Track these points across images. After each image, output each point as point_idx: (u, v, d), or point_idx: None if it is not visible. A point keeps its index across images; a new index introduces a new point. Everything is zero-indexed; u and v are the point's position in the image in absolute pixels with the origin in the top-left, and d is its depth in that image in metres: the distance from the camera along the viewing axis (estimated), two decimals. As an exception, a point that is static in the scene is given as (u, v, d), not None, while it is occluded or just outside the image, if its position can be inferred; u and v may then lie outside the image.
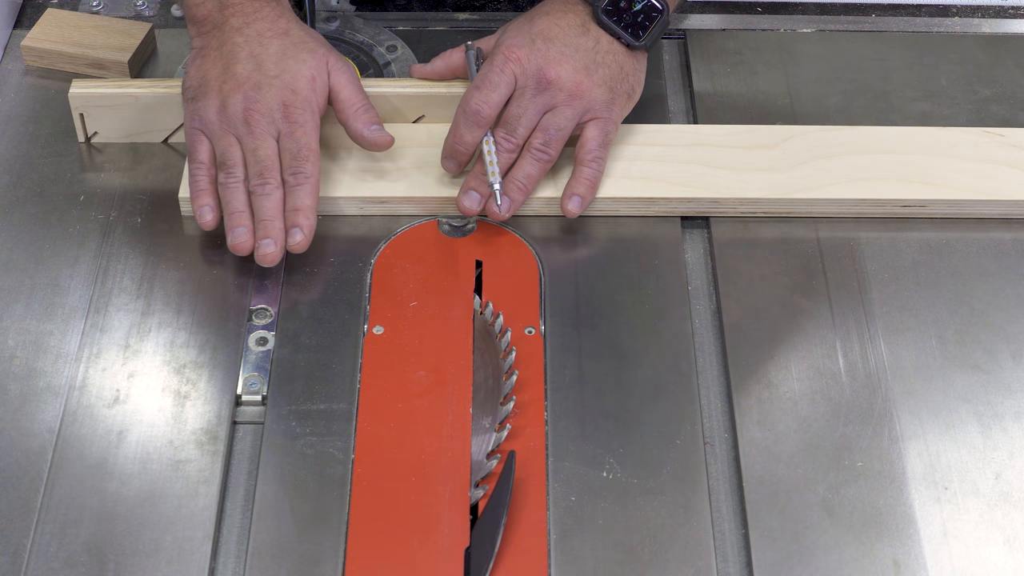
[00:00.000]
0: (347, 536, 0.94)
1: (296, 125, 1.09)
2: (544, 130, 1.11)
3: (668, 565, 0.93)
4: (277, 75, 1.10)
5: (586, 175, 1.12)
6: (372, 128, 1.13)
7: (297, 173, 1.08)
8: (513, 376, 1.02)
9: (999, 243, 1.13)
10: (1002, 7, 1.36)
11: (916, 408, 1.02)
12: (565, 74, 1.11)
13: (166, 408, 1.01)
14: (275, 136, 1.09)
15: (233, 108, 1.09)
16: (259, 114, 1.09)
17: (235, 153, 1.09)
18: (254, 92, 1.09)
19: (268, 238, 1.07)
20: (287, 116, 1.09)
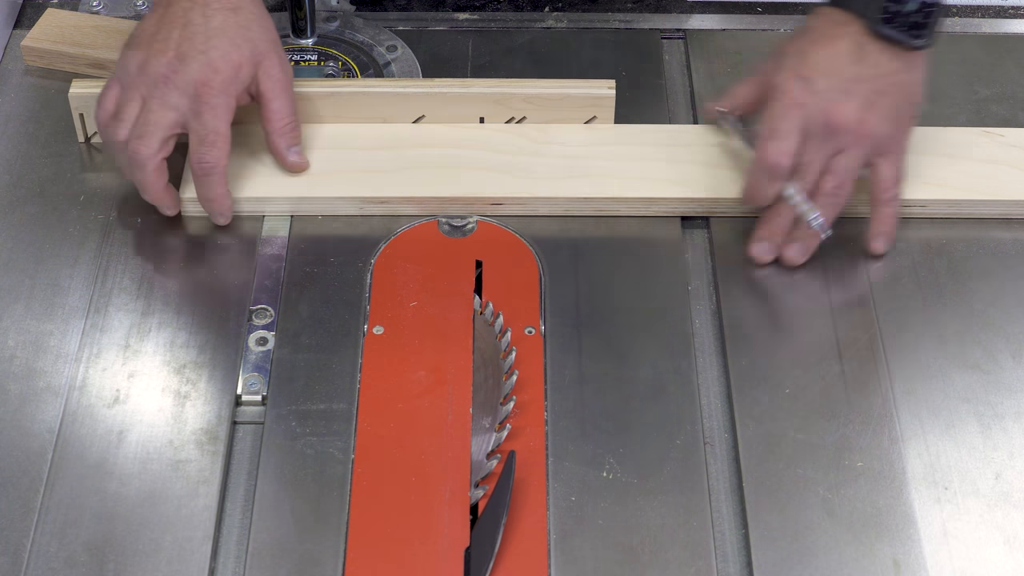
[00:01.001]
0: (347, 536, 0.94)
1: (206, 107, 1.08)
2: (835, 174, 1.08)
3: (668, 565, 0.93)
4: (204, 51, 1.08)
5: (888, 214, 1.10)
6: (294, 150, 1.14)
7: (203, 162, 1.08)
8: (513, 376, 1.02)
9: (999, 243, 1.13)
10: (1002, 7, 1.36)
11: (916, 408, 1.02)
12: (851, 114, 1.06)
13: (166, 408, 1.01)
14: (179, 110, 1.08)
15: (152, 69, 1.08)
16: (171, 84, 1.07)
17: (131, 110, 1.08)
18: (177, 61, 1.07)
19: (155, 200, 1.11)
20: (199, 95, 1.07)
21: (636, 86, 1.25)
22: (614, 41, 1.32)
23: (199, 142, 1.08)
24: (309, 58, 1.28)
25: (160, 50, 1.08)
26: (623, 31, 1.34)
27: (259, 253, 1.12)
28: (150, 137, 1.07)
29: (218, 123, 1.08)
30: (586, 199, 1.14)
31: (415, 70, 1.27)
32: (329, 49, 1.29)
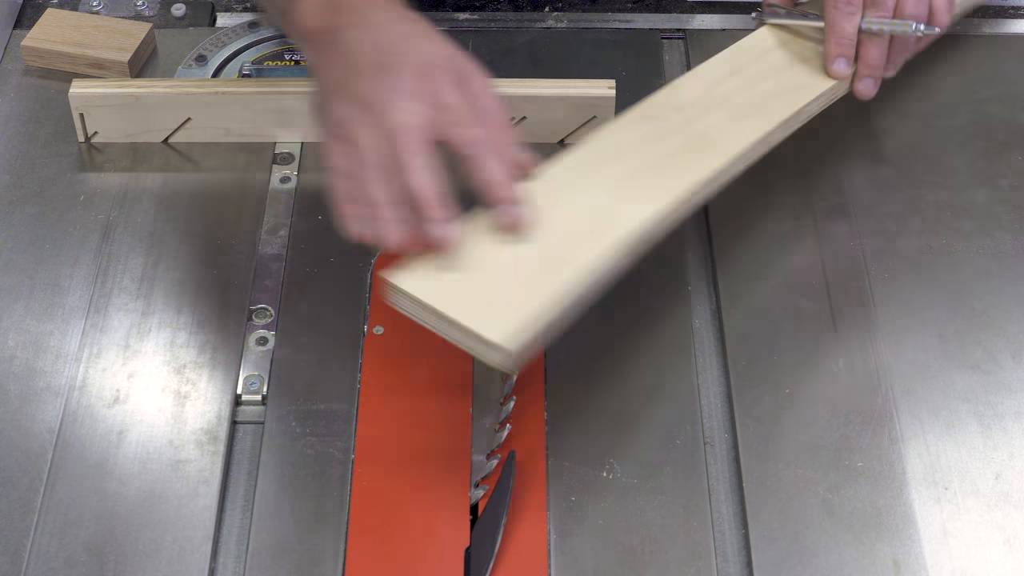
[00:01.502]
0: (347, 536, 0.94)
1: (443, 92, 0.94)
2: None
3: (668, 565, 0.93)
4: (407, 52, 0.96)
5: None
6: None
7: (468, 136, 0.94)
8: (513, 376, 1.02)
9: (999, 243, 1.13)
10: (1002, 7, 1.36)
11: (916, 408, 1.02)
12: None
13: (166, 408, 1.01)
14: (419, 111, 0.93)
15: (365, 96, 0.94)
16: (394, 91, 0.94)
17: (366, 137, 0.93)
18: (384, 72, 0.94)
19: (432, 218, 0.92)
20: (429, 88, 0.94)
21: (636, 86, 1.24)
22: (614, 41, 1.32)
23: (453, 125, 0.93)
24: (309, 58, 1.28)
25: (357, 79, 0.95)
26: (623, 31, 1.34)
27: (259, 253, 1.12)
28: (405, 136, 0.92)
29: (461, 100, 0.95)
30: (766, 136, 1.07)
31: (415, 70, 1.27)
32: (329, 49, 1.29)
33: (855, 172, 1.19)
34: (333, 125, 0.95)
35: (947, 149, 1.21)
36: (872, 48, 1.12)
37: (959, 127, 1.23)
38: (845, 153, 1.20)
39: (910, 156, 1.20)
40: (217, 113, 1.19)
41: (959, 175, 1.19)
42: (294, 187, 1.17)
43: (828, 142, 1.21)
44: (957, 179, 1.18)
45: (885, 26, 1.11)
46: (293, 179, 1.18)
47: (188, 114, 1.19)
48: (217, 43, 1.29)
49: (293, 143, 1.21)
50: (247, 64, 1.27)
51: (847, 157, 1.20)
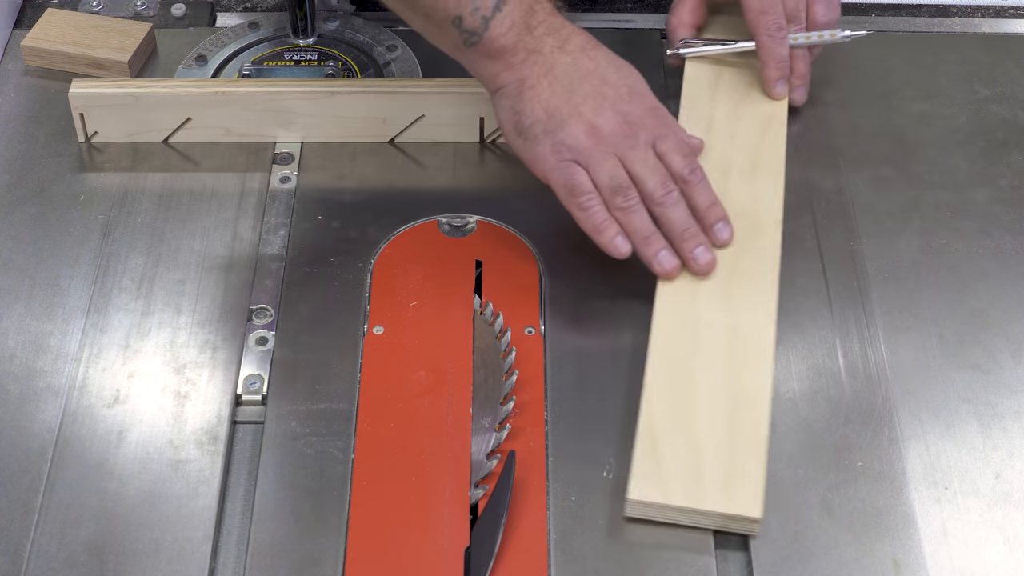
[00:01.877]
0: (347, 536, 0.94)
1: (669, 125, 1.06)
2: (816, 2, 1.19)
3: (668, 565, 0.93)
4: (624, 84, 1.05)
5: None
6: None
7: (693, 171, 1.05)
8: (513, 376, 1.02)
9: (999, 243, 1.13)
10: (1002, 7, 1.36)
11: (916, 408, 1.02)
12: None
13: (166, 408, 1.01)
14: (651, 143, 1.05)
15: (606, 127, 1.03)
16: (635, 125, 1.04)
17: (622, 173, 1.03)
18: (619, 104, 1.04)
19: (700, 245, 1.04)
20: (659, 119, 1.05)
21: (636, 86, 1.25)
22: (614, 41, 1.32)
23: (683, 157, 1.05)
24: (309, 58, 1.28)
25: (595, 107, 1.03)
26: (623, 31, 1.34)
27: (259, 253, 1.12)
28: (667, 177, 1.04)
29: (683, 135, 1.07)
30: None
31: (415, 70, 1.27)
32: (329, 49, 1.29)
33: (855, 172, 1.19)
34: (572, 151, 1.03)
35: (947, 149, 1.21)
36: (800, 61, 1.20)
37: (959, 127, 1.23)
38: (845, 153, 1.20)
39: (910, 156, 1.20)
40: (217, 113, 1.19)
41: (959, 175, 1.19)
42: (294, 187, 1.17)
43: (828, 142, 1.21)
44: (957, 179, 1.18)
45: (813, 37, 1.19)
46: (293, 179, 1.18)
47: (188, 114, 1.19)
48: (217, 43, 1.29)
49: (293, 143, 1.21)
50: (247, 64, 1.27)
51: (847, 157, 1.20)
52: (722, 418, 0.97)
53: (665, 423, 0.97)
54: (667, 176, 1.04)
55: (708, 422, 0.97)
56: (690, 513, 0.94)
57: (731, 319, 1.03)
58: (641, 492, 0.94)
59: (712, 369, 1.00)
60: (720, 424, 0.97)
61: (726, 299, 1.04)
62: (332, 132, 1.20)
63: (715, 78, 1.21)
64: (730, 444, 0.96)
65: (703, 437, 0.96)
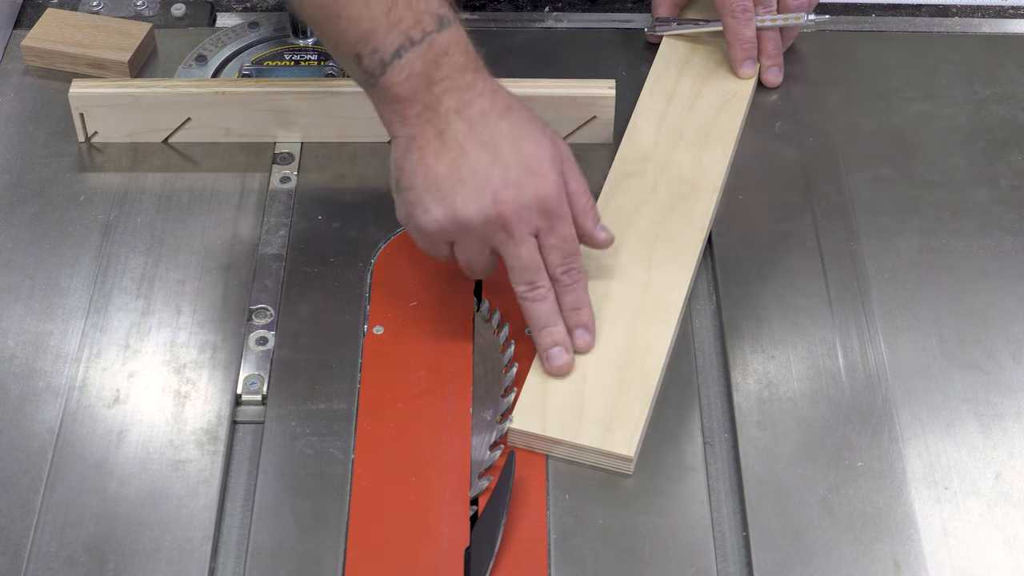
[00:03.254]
0: (347, 536, 0.94)
1: (556, 218, 0.98)
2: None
3: (668, 565, 0.93)
4: (519, 164, 0.97)
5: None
6: (599, 227, 1.03)
7: (569, 270, 1.00)
8: (513, 368, 1.02)
9: (999, 243, 1.13)
10: (1002, 7, 1.36)
11: (916, 408, 1.02)
12: None
13: (166, 408, 1.01)
14: (533, 234, 0.99)
15: (477, 218, 0.97)
16: (515, 215, 0.97)
17: (485, 260, 1.00)
18: (503, 191, 0.96)
19: (558, 345, 1.01)
20: (544, 211, 0.98)
21: (636, 86, 1.25)
22: (614, 41, 1.32)
23: (562, 255, 1.00)
24: (309, 58, 1.28)
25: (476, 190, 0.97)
26: (623, 31, 1.34)
27: (259, 253, 1.12)
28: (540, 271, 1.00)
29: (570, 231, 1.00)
30: None
31: (415, 70, 1.27)
32: (329, 49, 1.29)
33: (855, 172, 1.19)
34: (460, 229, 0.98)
35: (947, 149, 1.21)
36: (768, 43, 1.25)
37: (959, 127, 1.23)
38: (845, 153, 1.20)
39: (910, 156, 1.20)
40: (217, 113, 1.19)
41: (959, 175, 1.19)
42: (294, 187, 1.17)
43: (828, 142, 1.21)
44: (957, 179, 1.18)
45: (779, 20, 1.24)
46: (293, 179, 1.18)
47: (188, 114, 1.19)
48: (217, 43, 1.29)
49: (293, 143, 1.21)
50: (247, 64, 1.27)
51: (847, 157, 1.20)
52: (615, 365, 1.01)
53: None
54: (536, 275, 0.99)
55: (600, 367, 1.01)
56: (568, 447, 0.97)
57: (647, 276, 1.07)
58: (522, 423, 0.98)
59: (616, 320, 1.04)
60: (611, 370, 1.01)
61: (647, 257, 1.09)
62: (332, 132, 1.20)
63: (687, 55, 1.27)
64: (617, 387, 1.00)
65: (592, 379, 1.01)
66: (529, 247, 0.99)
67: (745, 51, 1.24)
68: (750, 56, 1.24)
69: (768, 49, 1.25)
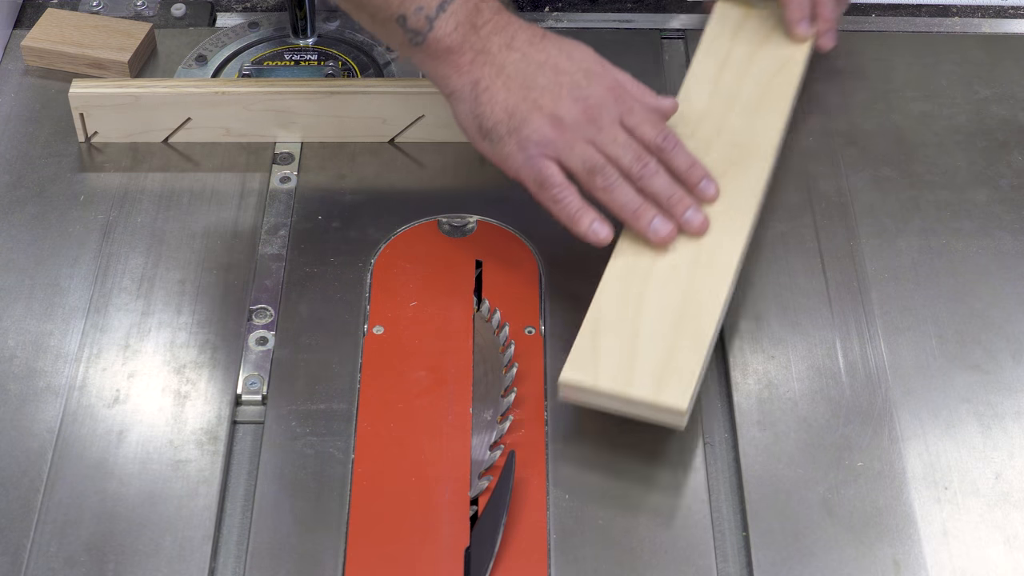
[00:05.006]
0: (347, 536, 0.94)
1: (632, 99, 1.05)
2: None
3: (668, 565, 0.93)
4: (578, 69, 1.05)
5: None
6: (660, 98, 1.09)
7: (666, 137, 1.05)
8: (513, 368, 1.02)
9: (999, 243, 1.13)
10: (1002, 7, 1.36)
11: (916, 408, 1.02)
12: None
13: (166, 408, 1.01)
14: (618, 120, 1.05)
15: (569, 115, 1.03)
16: (596, 107, 1.04)
17: (595, 155, 1.03)
18: (577, 91, 1.04)
19: (688, 208, 1.05)
20: (618, 97, 1.05)
21: (636, 86, 1.25)
22: (614, 41, 1.32)
23: (651, 126, 1.05)
24: (309, 58, 1.28)
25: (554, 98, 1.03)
26: (623, 31, 1.34)
27: (259, 253, 1.12)
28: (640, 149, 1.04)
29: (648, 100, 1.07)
30: None
31: (415, 70, 1.27)
32: (329, 49, 1.29)
33: (855, 172, 1.19)
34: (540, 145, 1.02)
35: (947, 149, 1.21)
36: (825, 7, 1.21)
37: (959, 127, 1.23)
38: (845, 153, 1.20)
39: (910, 156, 1.20)
40: (217, 113, 1.19)
41: (959, 175, 1.19)
42: (294, 187, 1.17)
43: (828, 142, 1.21)
44: (957, 179, 1.18)
45: None
46: (293, 179, 1.18)
47: (188, 114, 1.19)
48: (217, 43, 1.29)
49: (293, 143, 1.21)
50: (247, 64, 1.27)
51: (847, 157, 1.20)
52: (669, 320, 1.00)
53: (611, 319, 1.00)
54: (640, 149, 1.04)
55: (653, 322, 1.00)
56: (619, 401, 0.96)
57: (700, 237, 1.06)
58: (573, 376, 0.97)
59: (670, 280, 1.03)
60: (665, 325, 1.00)
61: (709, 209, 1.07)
62: (332, 132, 1.20)
63: (742, 19, 1.23)
64: (670, 342, 0.99)
65: (645, 333, 0.99)
66: (621, 132, 1.04)
67: (801, 10, 1.20)
68: (804, 16, 1.20)
69: (827, 11, 1.21)
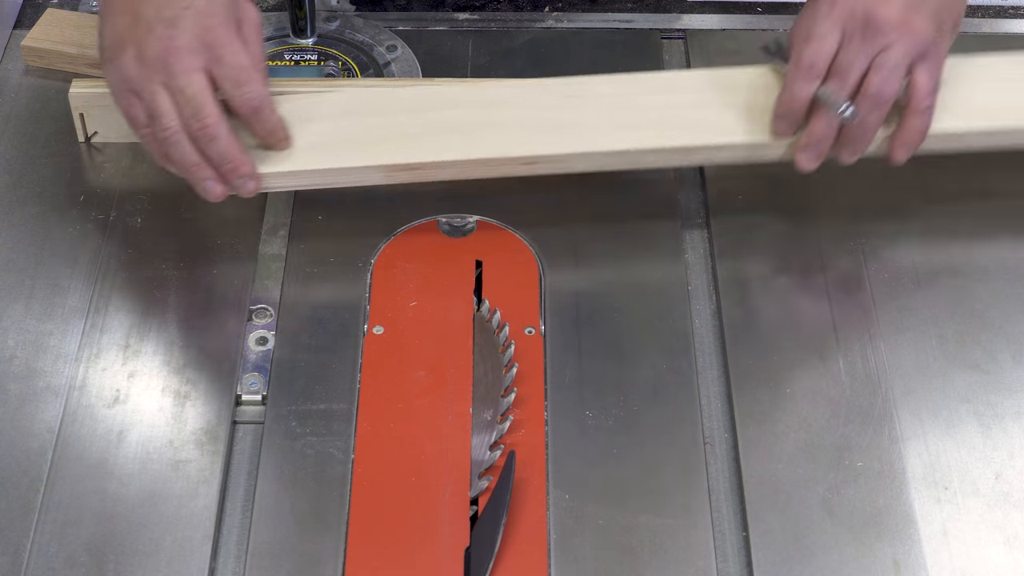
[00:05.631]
0: (347, 536, 0.94)
1: (224, 48, 1.02)
2: (880, 69, 1.02)
3: (668, 565, 0.93)
4: (188, 5, 1.01)
5: (919, 127, 1.06)
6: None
7: (248, 99, 1.03)
8: (513, 368, 1.02)
9: (999, 243, 1.13)
10: (1002, 7, 1.36)
11: (916, 408, 1.02)
12: (894, 13, 1.02)
13: (166, 408, 1.01)
14: (204, 69, 1.02)
15: (150, 52, 1.01)
16: (179, 50, 1.00)
17: (163, 101, 1.01)
18: (168, 29, 1.01)
19: (241, 175, 1.04)
20: (210, 42, 1.01)
21: (636, 86, 1.25)
22: (614, 41, 1.32)
23: (234, 84, 1.02)
24: (309, 58, 1.28)
25: (145, 33, 1.01)
26: (623, 31, 1.34)
27: (260, 253, 1.12)
28: (204, 106, 1.01)
29: (241, 58, 1.02)
30: (622, 152, 1.10)
31: (415, 70, 1.27)
32: (329, 49, 1.29)
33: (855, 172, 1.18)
34: (124, 80, 1.03)
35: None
36: (818, 120, 1.06)
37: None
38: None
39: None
40: (217, 113, 1.19)
41: (959, 175, 1.19)
42: (294, 187, 1.17)
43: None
44: (957, 179, 1.18)
45: (828, 98, 1.04)
46: (293, 179, 1.18)
47: (188, 114, 1.19)
48: (217, 43, 1.29)
49: (293, 143, 1.20)
50: (247, 64, 1.27)
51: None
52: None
53: None
54: (203, 104, 1.01)
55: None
56: None
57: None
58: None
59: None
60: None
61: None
62: (332, 132, 1.20)
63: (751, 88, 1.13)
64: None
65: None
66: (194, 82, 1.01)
67: (782, 106, 1.07)
68: (787, 115, 1.07)
69: (815, 128, 1.06)
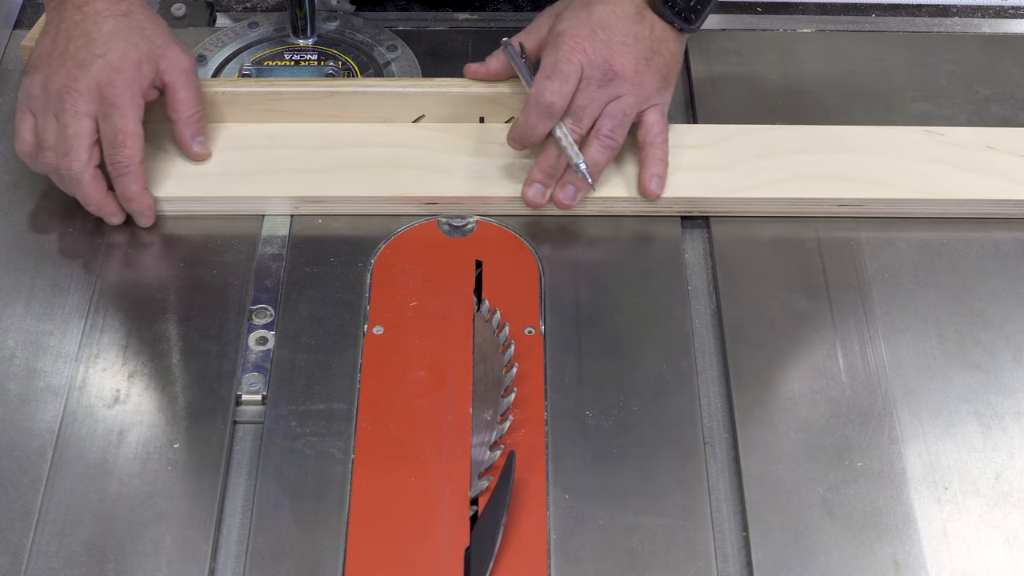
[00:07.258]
0: (347, 536, 0.94)
1: (113, 108, 1.08)
2: (611, 117, 1.11)
3: (668, 565, 0.93)
4: (103, 55, 1.08)
5: (659, 156, 1.13)
6: (198, 140, 1.14)
7: (115, 163, 1.09)
8: (513, 368, 1.02)
9: (999, 243, 1.13)
10: (1002, 7, 1.36)
11: (916, 408, 1.02)
12: (629, 65, 1.11)
13: (166, 408, 1.01)
14: (92, 116, 1.08)
15: (54, 84, 1.08)
16: (76, 92, 1.08)
17: (50, 131, 1.09)
18: (76, 69, 1.08)
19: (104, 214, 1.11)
20: (104, 97, 1.08)
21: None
22: (614, 41, 1.32)
23: (110, 144, 1.08)
24: (309, 58, 1.28)
25: (59, 64, 1.09)
26: (623, 31, 1.34)
27: (259, 253, 1.12)
28: (75, 150, 1.08)
29: (126, 122, 1.08)
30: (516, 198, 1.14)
31: (415, 70, 1.27)
32: (329, 49, 1.29)
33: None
34: (27, 97, 1.10)
35: (947, 149, 1.21)
36: (548, 152, 1.12)
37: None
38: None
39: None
40: (217, 113, 1.19)
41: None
42: (294, 187, 1.17)
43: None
44: (957, 179, 1.18)
45: (564, 140, 1.10)
46: (293, 179, 1.18)
47: (188, 114, 1.19)
48: (217, 43, 1.29)
49: (293, 143, 1.21)
50: (247, 64, 1.27)
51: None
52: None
53: None
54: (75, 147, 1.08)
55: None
56: None
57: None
58: None
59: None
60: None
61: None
62: (332, 132, 1.21)
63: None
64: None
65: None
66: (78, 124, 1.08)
67: (515, 130, 1.12)
68: (519, 140, 1.12)
69: (543, 160, 1.12)
